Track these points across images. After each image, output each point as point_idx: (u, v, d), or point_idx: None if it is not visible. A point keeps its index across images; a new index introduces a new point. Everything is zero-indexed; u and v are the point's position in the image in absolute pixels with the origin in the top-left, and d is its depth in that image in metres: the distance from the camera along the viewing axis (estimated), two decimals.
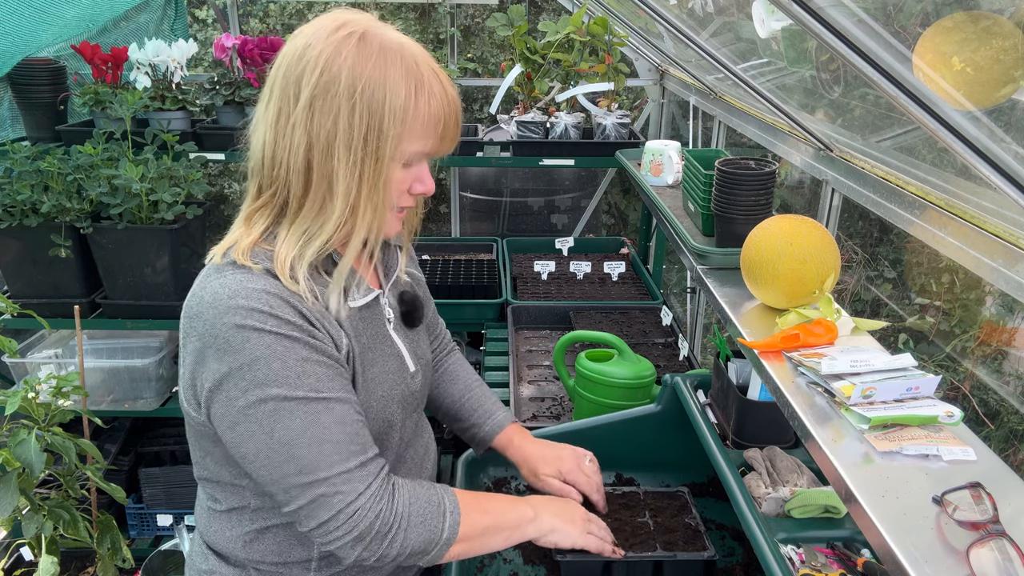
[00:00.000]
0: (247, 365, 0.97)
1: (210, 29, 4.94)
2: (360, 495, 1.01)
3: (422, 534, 1.06)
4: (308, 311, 1.02)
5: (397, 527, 1.04)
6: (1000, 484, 0.88)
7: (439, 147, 1.06)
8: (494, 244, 3.35)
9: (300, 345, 0.99)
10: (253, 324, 0.97)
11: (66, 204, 2.24)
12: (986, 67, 0.97)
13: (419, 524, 1.06)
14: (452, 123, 1.06)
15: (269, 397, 0.98)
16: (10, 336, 2.18)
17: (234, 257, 1.03)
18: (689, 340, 2.53)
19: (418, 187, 1.07)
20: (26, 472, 1.85)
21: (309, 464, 0.99)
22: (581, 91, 2.90)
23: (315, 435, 0.99)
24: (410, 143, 1.02)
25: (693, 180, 1.78)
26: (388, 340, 1.17)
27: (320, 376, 1.01)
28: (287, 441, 0.98)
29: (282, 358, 0.98)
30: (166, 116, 2.77)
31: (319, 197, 1.02)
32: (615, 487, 1.57)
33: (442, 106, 1.03)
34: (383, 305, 1.19)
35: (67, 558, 2.65)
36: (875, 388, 1.03)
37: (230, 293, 0.98)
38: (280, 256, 1.02)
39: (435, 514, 1.08)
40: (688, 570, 1.36)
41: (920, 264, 2.77)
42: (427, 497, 1.09)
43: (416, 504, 1.06)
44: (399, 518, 1.04)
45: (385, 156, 1.00)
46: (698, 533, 1.41)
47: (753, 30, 1.78)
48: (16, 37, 2.61)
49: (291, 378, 0.98)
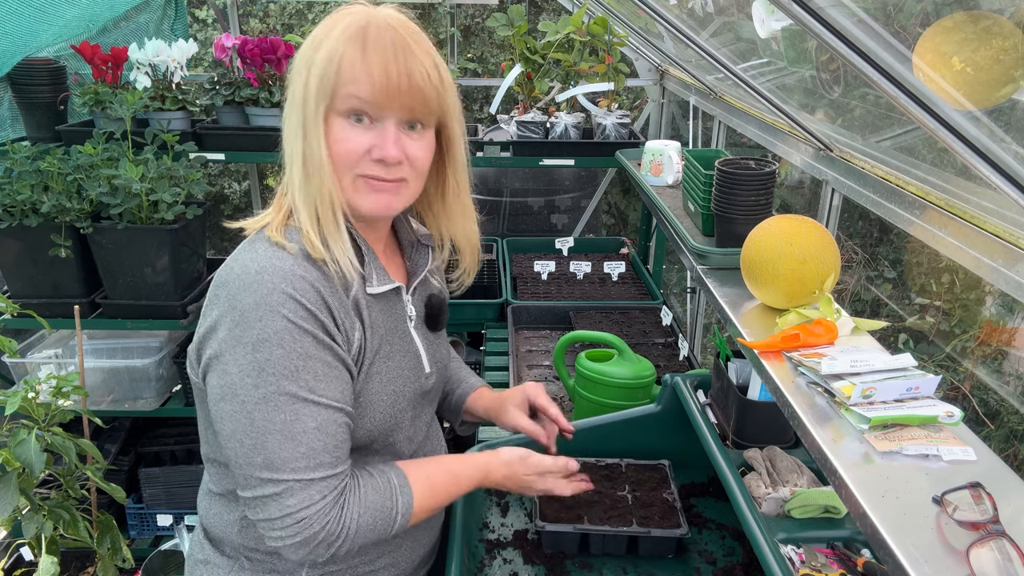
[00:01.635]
0: (252, 344, 0.98)
1: (210, 29, 4.94)
2: (311, 505, 1.01)
3: (370, 538, 1.07)
4: (331, 299, 1.03)
5: (344, 537, 1.04)
6: (1000, 484, 0.88)
7: (372, 95, 1.01)
8: (494, 244, 3.35)
9: (309, 339, 1.00)
10: (272, 303, 0.98)
11: (66, 204, 2.24)
12: (986, 67, 0.97)
13: (367, 531, 1.06)
14: (383, 75, 1.00)
15: (260, 384, 0.98)
16: (10, 336, 2.18)
17: (268, 234, 1.05)
18: (689, 340, 2.53)
19: (376, 151, 1.04)
20: (26, 472, 1.85)
21: (275, 461, 0.99)
22: (581, 91, 2.90)
23: (292, 433, 0.99)
24: (339, 90, 1.00)
25: (693, 180, 1.78)
26: (407, 337, 1.18)
27: (318, 375, 1.01)
28: (262, 431, 0.99)
29: (286, 347, 0.98)
30: (166, 116, 2.77)
31: (290, 165, 1.06)
32: (599, 459, 1.59)
33: (370, 56, 1.00)
34: (405, 302, 1.19)
35: (67, 558, 2.65)
36: (875, 388, 1.03)
37: (259, 268, 1.00)
38: (304, 228, 1.04)
39: (385, 520, 1.08)
40: (661, 545, 1.43)
41: (920, 264, 2.77)
42: (378, 505, 1.07)
43: (366, 515, 1.06)
44: (345, 529, 1.04)
45: (313, 104, 1.01)
46: (674, 509, 1.46)
47: (753, 30, 1.78)
48: (16, 37, 2.60)
49: (288, 371, 0.99)
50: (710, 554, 1.45)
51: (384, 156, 1.03)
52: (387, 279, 1.14)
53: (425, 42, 1.06)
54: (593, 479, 1.53)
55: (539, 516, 1.43)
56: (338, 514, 1.03)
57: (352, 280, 1.07)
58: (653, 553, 1.44)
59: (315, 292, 1.01)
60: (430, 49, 1.06)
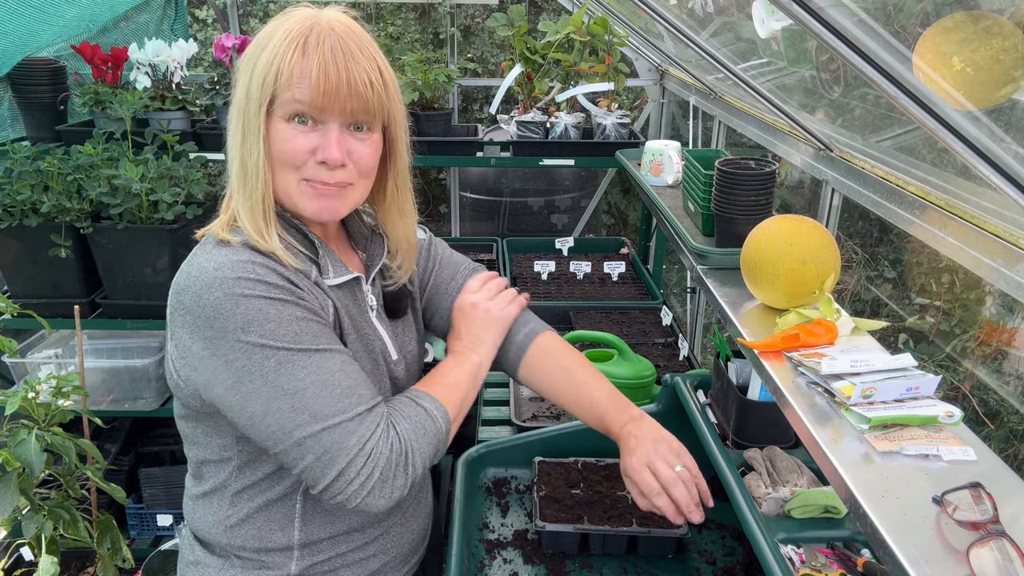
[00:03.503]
0: (242, 328, 0.99)
1: (210, 29, 4.94)
2: (371, 436, 1.04)
3: (431, 442, 1.11)
4: (291, 275, 1.06)
5: (409, 454, 1.07)
6: (1000, 484, 0.88)
7: (312, 99, 1.01)
8: (494, 244, 3.35)
9: (291, 306, 1.02)
10: (241, 291, 1.00)
11: (66, 204, 2.24)
12: (986, 67, 0.97)
13: (423, 440, 1.10)
14: (322, 78, 1.01)
15: (270, 354, 1.00)
16: (10, 336, 2.18)
17: (215, 234, 1.09)
18: (689, 340, 2.53)
19: (319, 153, 1.05)
20: (26, 472, 1.85)
21: (321, 411, 1.01)
22: (581, 91, 2.90)
23: (323, 381, 1.02)
24: (280, 93, 1.02)
25: (693, 180, 1.78)
26: (370, 326, 1.20)
27: (316, 332, 1.04)
28: (295, 391, 1.00)
29: (276, 320, 1.00)
30: (166, 116, 2.77)
31: (231, 165, 1.09)
32: (599, 459, 1.59)
33: (310, 59, 1.01)
34: (366, 292, 1.21)
35: (67, 558, 2.65)
36: (875, 388, 1.03)
37: (215, 265, 1.02)
38: (247, 228, 1.07)
39: (429, 421, 1.11)
40: (661, 545, 1.43)
41: (920, 264, 2.77)
42: (415, 414, 1.11)
43: (412, 422, 1.10)
44: (407, 444, 1.07)
45: (253, 107, 1.03)
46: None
47: (753, 30, 1.78)
48: (16, 37, 2.60)
49: (288, 335, 1.01)
50: (710, 554, 1.45)
51: (326, 158, 1.05)
52: (344, 270, 1.16)
53: (369, 46, 1.07)
54: (593, 479, 1.55)
55: (539, 516, 1.44)
56: (396, 434, 1.06)
57: (307, 271, 1.10)
58: (653, 553, 1.44)
59: (273, 271, 1.04)
60: (374, 53, 1.07)
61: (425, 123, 2.94)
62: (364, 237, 1.27)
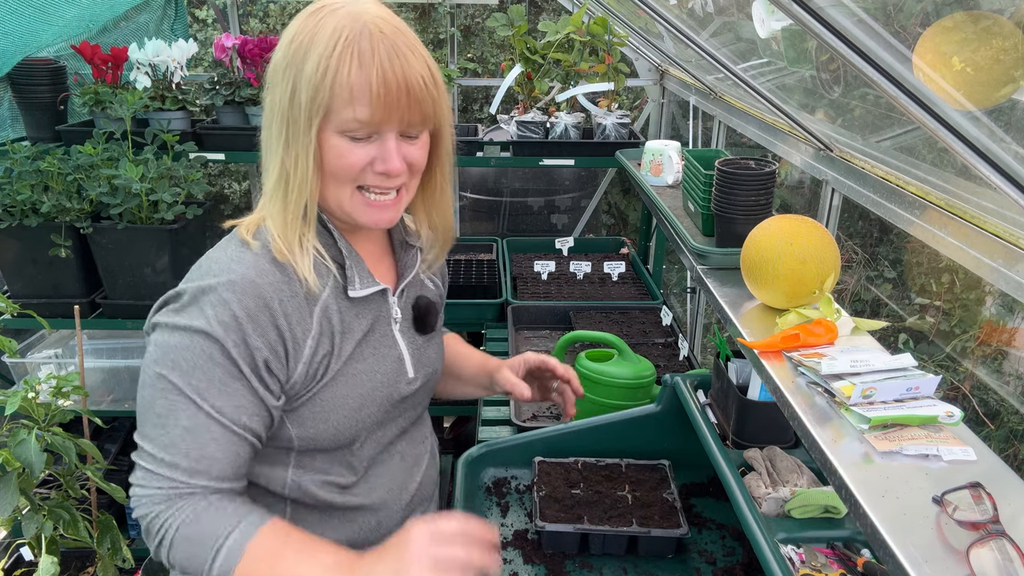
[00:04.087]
0: (172, 328, 0.99)
1: (210, 29, 4.94)
2: (146, 487, 1.00)
3: (185, 559, 0.98)
4: (282, 305, 1.02)
5: (160, 539, 0.98)
6: (1000, 484, 0.88)
7: (372, 115, 0.98)
8: (494, 244, 3.35)
9: (219, 346, 0.98)
10: (209, 301, 0.99)
11: (66, 204, 2.24)
12: (986, 67, 0.97)
13: (182, 549, 0.98)
14: (382, 90, 0.97)
15: (159, 364, 0.99)
16: (10, 336, 2.18)
17: (239, 232, 1.07)
18: (689, 340, 2.53)
19: (379, 165, 1.02)
20: (26, 472, 1.85)
21: (147, 433, 1.01)
22: (581, 91, 2.90)
23: (163, 423, 0.99)
24: (336, 108, 0.98)
25: (693, 180, 1.78)
26: (389, 340, 1.16)
27: (212, 381, 0.99)
28: (146, 406, 1.01)
29: (196, 344, 0.98)
30: (166, 116, 2.77)
31: (267, 169, 1.05)
32: (599, 459, 1.59)
33: (368, 71, 0.96)
34: (391, 304, 1.17)
35: (67, 558, 2.65)
36: (875, 388, 1.03)
37: (218, 268, 1.01)
38: (272, 232, 1.05)
39: (201, 551, 0.97)
40: (661, 545, 1.43)
41: (920, 264, 2.77)
42: (205, 533, 0.97)
43: (186, 531, 0.98)
44: (163, 530, 0.98)
45: (303, 119, 0.98)
46: (674, 509, 1.46)
47: (753, 30, 1.78)
48: (16, 37, 2.60)
49: (186, 366, 0.98)
50: (710, 554, 1.45)
51: (387, 170, 1.02)
52: (371, 282, 1.12)
53: (417, 44, 1.03)
54: (593, 479, 1.55)
55: (539, 516, 1.44)
56: (162, 511, 0.99)
57: (319, 287, 1.06)
58: (653, 553, 1.44)
59: (259, 300, 1.00)
60: (422, 51, 1.03)
61: None
62: (401, 245, 1.23)
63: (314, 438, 1.09)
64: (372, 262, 1.16)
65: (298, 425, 1.08)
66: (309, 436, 1.08)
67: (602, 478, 1.56)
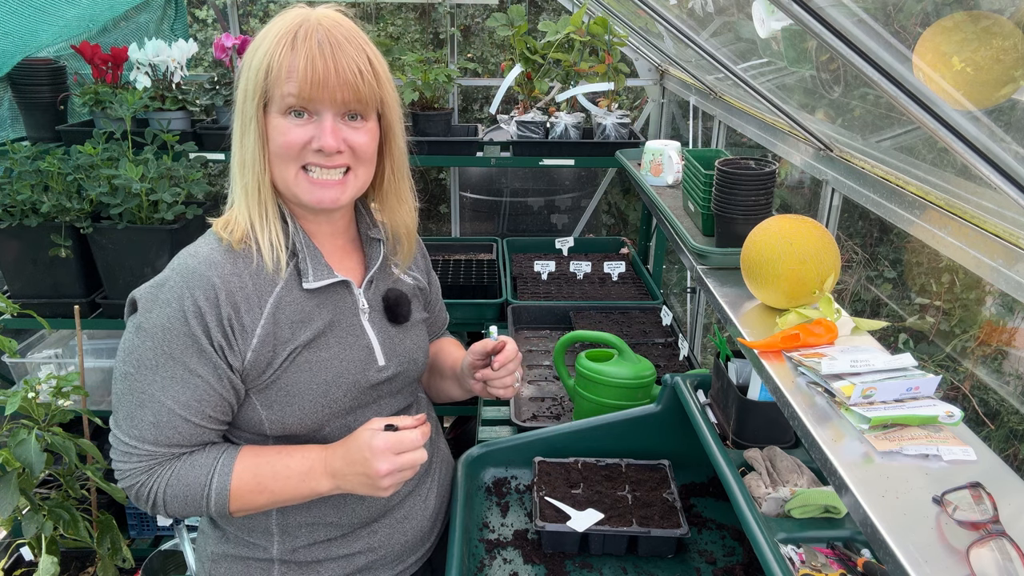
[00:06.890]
0: (137, 326, 1.09)
1: (210, 29, 4.94)
2: (126, 464, 1.11)
3: (181, 507, 1.13)
4: (236, 295, 1.09)
5: (152, 501, 1.12)
6: (1000, 484, 0.88)
7: (300, 90, 1.06)
8: (494, 244, 3.35)
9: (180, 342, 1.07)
10: (168, 298, 1.08)
11: (66, 204, 2.24)
12: (986, 67, 0.97)
13: (176, 501, 1.12)
14: (309, 69, 1.05)
15: (126, 361, 1.10)
16: (10, 336, 2.18)
17: (213, 226, 1.16)
18: (689, 340, 2.53)
19: (315, 142, 1.09)
20: (26, 472, 1.85)
21: (119, 421, 1.11)
22: (581, 91, 2.90)
23: (132, 416, 1.10)
24: (273, 88, 1.07)
25: (693, 180, 1.78)
26: (357, 329, 1.21)
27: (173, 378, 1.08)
28: (119, 398, 1.10)
29: (156, 342, 1.07)
30: (166, 116, 2.77)
31: (233, 162, 1.14)
32: (599, 459, 1.59)
33: (298, 52, 1.05)
34: (357, 295, 1.22)
35: (67, 558, 2.65)
36: (875, 388, 1.03)
37: (176, 264, 1.12)
38: (238, 221, 1.13)
39: (195, 495, 1.12)
40: (661, 545, 1.43)
41: (920, 264, 2.77)
42: (190, 480, 1.12)
43: (175, 486, 1.11)
44: (153, 494, 1.12)
45: (250, 104, 1.08)
46: (674, 509, 1.46)
47: (753, 30, 1.78)
48: (16, 37, 2.60)
49: (148, 364, 1.08)
50: (710, 554, 1.45)
51: (322, 145, 1.09)
52: (327, 274, 1.17)
53: (357, 37, 1.10)
54: (593, 479, 1.55)
55: (539, 516, 1.44)
56: (146, 480, 1.11)
57: (276, 274, 1.13)
58: (653, 553, 1.44)
59: (208, 291, 1.08)
60: (363, 43, 1.11)
61: (425, 123, 2.94)
62: (370, 237, 1.28)
63: (283, 421, 1.14)
64: (338, 255, 1.23)
65: (267, 407, 1.14)
66: (278, 419, 1.14)
67: (602, 478, 1.56)
